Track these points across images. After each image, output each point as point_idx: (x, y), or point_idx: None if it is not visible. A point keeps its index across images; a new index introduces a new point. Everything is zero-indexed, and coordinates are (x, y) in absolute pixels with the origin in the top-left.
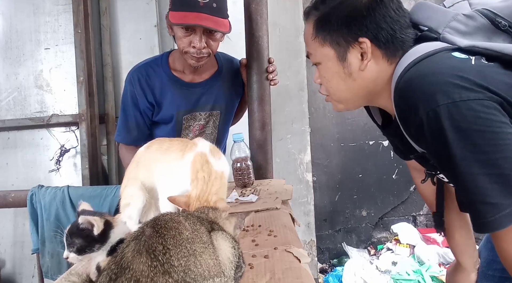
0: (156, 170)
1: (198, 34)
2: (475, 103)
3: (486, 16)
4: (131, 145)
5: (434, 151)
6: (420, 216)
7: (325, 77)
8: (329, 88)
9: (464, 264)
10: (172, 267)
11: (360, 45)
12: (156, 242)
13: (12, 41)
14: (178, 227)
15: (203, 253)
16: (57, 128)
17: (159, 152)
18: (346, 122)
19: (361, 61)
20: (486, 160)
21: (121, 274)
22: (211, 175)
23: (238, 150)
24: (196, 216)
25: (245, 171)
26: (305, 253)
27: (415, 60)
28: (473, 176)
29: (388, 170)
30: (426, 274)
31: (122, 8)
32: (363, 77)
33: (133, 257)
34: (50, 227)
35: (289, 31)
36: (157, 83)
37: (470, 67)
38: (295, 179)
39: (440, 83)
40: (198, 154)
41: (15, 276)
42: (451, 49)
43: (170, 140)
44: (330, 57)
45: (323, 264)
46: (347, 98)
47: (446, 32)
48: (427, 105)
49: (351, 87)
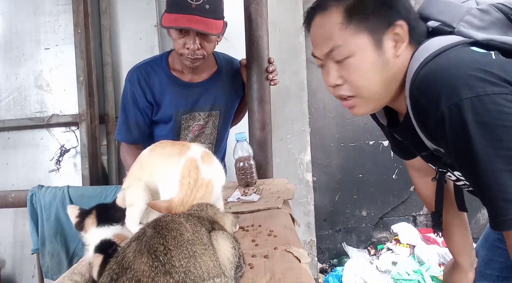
0: (157, 175)
1: (192, 36)
2: (500, 98)
3: (501, 10)
4: (132, 144)
5: (454, 146)
6: (420, 216)
7: (359, 70)
8: (360, 84)
9: (462, 263)
10: (173, 268)
11: (394, 30)
12: (157, 242)
13: (12, 41)
14: (179, 229)
15: (203, 254)
16: (57, 128)
17: (161, 157)
18: (346, 122)
19: (394, 48)
20: (510, 156)
21: (123, 274)
22: (197, 181)
23: (241, 149)
24: (196, 216)
25: (247, 171)
26: (305, 253)
27: (432, 53)
28: (496, 172)
29: (388, 170)
30: (426, 274)
31: (122, 8)
32: (398, 65)
33: (134, 257)
34: (50, 227)
35: (289, 31)
36: (157, 82)
37: (492, 61)
38: (295, 179)
39: (463, 76)
40: (188, 159)
41: (15, 276)
42: (468, 43)
43: (172, 144)
44: (365, 45)
45: (323, 264)
46: (381, 93)
47: (461, 26)
48: (449, 98)
49: (386, 78)
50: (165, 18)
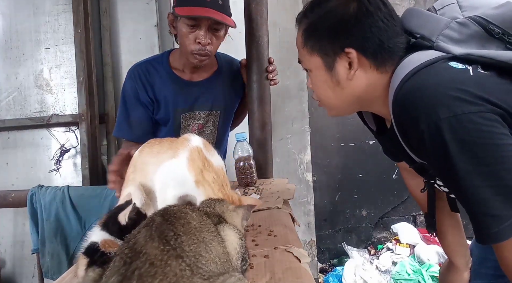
0: (150, 174)
1: (203, 29)
2: (477, 116)
3: (479, 23)
4: (134, 141)
5: (436, 163)
6: (420, 216)
7: (315, 84)
8: (319, 95)
9: (457, 263)
10: (184, 252)
11: (347, 55)
12: (167, 228)
13: (12, 41)
14: (186, 217)
15: (213, 240)
16: (57, 128)
17: (150, 156)
18: (346, 122)
19: (349, 71)
20: (489, 172)
21: (136, 258)
22: (217, 173)
23: (241, 149)
24: (202, 210)
25: (247, 170)
26: (305, 253)
27: (412, 70)
28: (476, 188)
29: (388, 170)
30: (426, 274)
31: (122, 8)
32: (352, 86)
33: (145, 242)
34: (50, 227)
35: (289, 31)
36: (157, 80)
37: (469, 79)
38: (295, 179)
39: (441, 96)
40: (194, 149)
41: (15, 276)
42: (447, 59)
43: (160, 142)
44: (318, 65)
45: (323, 264)
46: (337, 105)
47: (440, 40)
48: (428, 118)
49: (339, 95)
50: (179, 10)
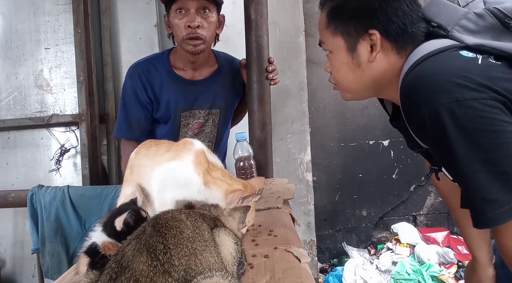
0: (147, 175)
1: (192, 11)
2: (478, 102)
3: (495, 15)
4: (133, 140)
5: (436, 149)
6: (420, 216)
7: (335, 66)
8: (337, 78)
9: (480, 258)
10: (173, 267)
11: (370, 37)
12: (156, 241)
13: (12, 41)
14: (179, 226)
15: (204, 251)
16: (57, 128)
17: (147, 158)
18: (346, 122)
19: (370, 53)
20: (487, 158)
21: (121, 273)
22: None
23: (241, 149)
24: (198, 213)
25: (248, 170)
26: (305, 253)
27: (421, 57)
28: (474, 173)
29: (388, 170)
30: (426, 274)
31: (122, 8)
32: (372, 68)
33: (133, 256)
34: (50, 227)
35: (289, 31)
36: (157, 79)
37: (475, 67)
38: (295, 179)
39: (443, 82)
40: (199, 152)
41: (15, 276)
42: (458, 47)
43: (156, 144)
44: (340, 47)
45: (323, 264)
46: (355, 88)
47: (455, 30)
48: (429, 104)
49: (359, 77)
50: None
